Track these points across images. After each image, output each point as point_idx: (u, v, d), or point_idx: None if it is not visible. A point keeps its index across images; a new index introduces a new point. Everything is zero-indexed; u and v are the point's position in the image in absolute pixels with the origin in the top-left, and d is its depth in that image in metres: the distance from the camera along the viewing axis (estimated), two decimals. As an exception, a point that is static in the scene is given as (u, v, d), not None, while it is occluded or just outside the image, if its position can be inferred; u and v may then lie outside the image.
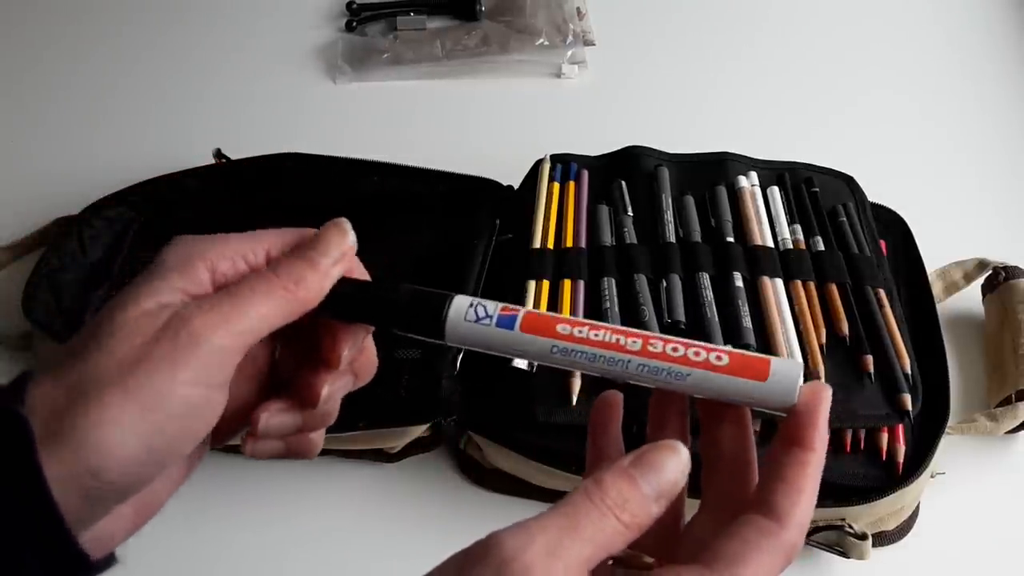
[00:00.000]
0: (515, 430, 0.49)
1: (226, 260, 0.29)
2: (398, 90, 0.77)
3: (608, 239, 0.56)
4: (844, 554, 0.47)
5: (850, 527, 0.46)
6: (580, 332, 0.29)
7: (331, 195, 0.62)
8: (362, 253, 0.63)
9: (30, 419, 0.24)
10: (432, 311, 0.31)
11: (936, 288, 0.57)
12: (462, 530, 0.25)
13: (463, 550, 0.25)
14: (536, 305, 0.52)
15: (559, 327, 0.29)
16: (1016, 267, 0.57)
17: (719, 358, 0.28)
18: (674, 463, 0.26)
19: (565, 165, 0.61)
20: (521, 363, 0.50)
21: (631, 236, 0.56)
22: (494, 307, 0.30)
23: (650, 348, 0.28)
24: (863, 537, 0.46)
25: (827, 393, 0.28)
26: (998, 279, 0.57)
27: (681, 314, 0.51)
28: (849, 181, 0.60)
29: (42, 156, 0.73)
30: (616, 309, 0.52)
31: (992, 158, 0.71)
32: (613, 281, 0.53)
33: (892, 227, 0.60)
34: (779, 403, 0.28)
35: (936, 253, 0.59)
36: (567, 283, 0.53)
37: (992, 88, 0.77)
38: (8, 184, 0.70)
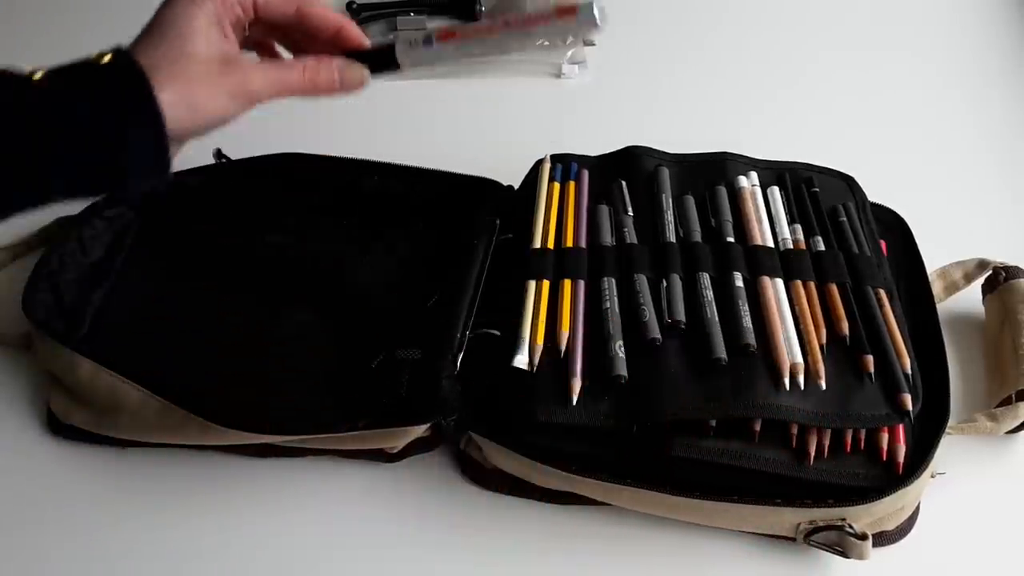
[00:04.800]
0: (515, 430, 0.49)
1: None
2: (398, 90, 0.77)
3: (608, 239, 0.56)
4: (844, 554, 0.47)
5: (850, 527, 0.46)
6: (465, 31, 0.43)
7: (331, 195, 0.62)
8: (363, 253, 0.63)
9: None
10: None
11: (936, 288, 0.57)
12: (462, 530, 0.25)
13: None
14: (536, 305, 0.52)
15: (459, 33, 0.43)
16: (1016, 267, 0.57)
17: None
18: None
19: (565, 165, 0.61)
20: (521, 363, 0.50)
21: (631, 236, 0.56)
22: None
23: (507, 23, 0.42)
24: (863, 537, 0.46)
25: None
26: (998, 279, 0.57)
27: (681, 314, 0.51)
28: (849, 181, 0.60)
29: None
30: (616, 309, 0.52)
31: (992, 158, 0.71)
32: (613, 281, 0.53)
33: (892, 227, 0.60)
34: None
35: (936, 253, 0.59)
36: (567, 283, 0.53)
37: (992, 88, 0.77)
38: (8, 184, 0.70)
